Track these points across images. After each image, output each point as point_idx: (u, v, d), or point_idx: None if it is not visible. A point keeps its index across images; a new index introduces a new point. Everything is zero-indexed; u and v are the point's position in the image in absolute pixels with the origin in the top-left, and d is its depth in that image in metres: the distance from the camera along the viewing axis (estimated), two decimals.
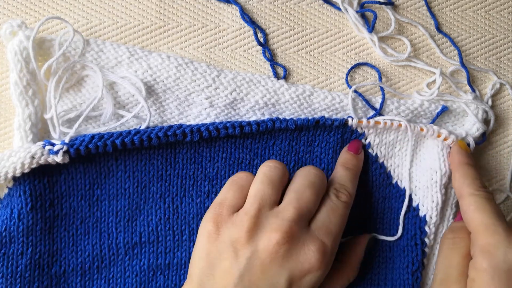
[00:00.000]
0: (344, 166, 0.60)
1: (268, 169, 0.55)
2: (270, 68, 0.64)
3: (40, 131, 0.59)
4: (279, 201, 0.54)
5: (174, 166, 0.59)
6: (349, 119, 0.60)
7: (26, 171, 0.54)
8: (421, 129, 0.61)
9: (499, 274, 0.49)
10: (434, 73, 0.65)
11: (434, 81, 0.65)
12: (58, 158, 0.54)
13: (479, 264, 0.50)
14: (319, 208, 0.55)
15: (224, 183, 0.58)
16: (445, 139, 0.61)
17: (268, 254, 0.50)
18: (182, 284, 0.57)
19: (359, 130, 0.61)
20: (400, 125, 0.61)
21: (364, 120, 0.60)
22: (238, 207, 0.54)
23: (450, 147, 0.61)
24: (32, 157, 0.53)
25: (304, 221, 0.53)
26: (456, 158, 0.60)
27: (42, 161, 0.54)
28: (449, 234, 0.57)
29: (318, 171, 0.57)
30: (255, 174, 0.56)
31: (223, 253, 0.51)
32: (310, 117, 0.60)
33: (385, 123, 0.60)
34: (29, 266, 0.57)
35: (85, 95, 0.61)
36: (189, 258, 0.56)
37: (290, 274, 0.50)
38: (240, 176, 0.56)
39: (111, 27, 0.63)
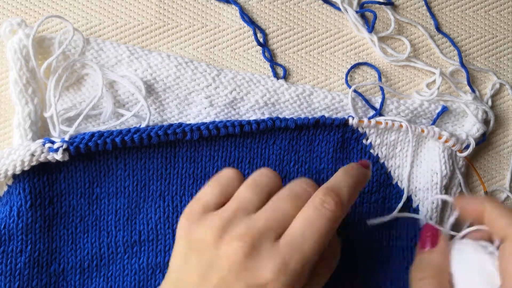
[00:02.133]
0: (346, 172, 0.52)
1: (258, 174, 0.52)
2: (269, 68, 0.64)
3: (40, 129, 0.59)
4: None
5: (174, 165, 0.59)
6: (350, 119, 0.60)
7: (25, 168, 0.54)
8: (422, 131, 0.61)
9: None
10: (434, 73, 0.65)
11: (434, 81, 0.65)
12: (58, 156, 0.54)
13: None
14: (297, 217, 0.48)
15: None
16: (446, 141, 0.60)
17: (227, 260, 0.47)
18: None
19: (360, 130, 0.61)
20: (401, 126, 0.61)
21: (365, 120, 0.60)
22: (213, 205, 0.51)
23: (451, 149, 0.61)
24: (32, 155, 0.53)
25: (274, 233, 0.47)
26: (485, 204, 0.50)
27: (41, 159, 0.54)
28: (418, 274, 0.49)
29: (310, 182, 0.51)
30: None
31: (192, 250, 0.49)
32: (310, 117, 0.60)
33: (386, 123, 0.60)
34: (28, 264, 0.57)
35: (85, 93, 0.61)
36: None
37: (246, 286, 0.46)
38: (225, 175, 0.54)
39: (111, 27, 0.63)
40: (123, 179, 0.59)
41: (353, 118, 0.60)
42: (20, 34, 0.57)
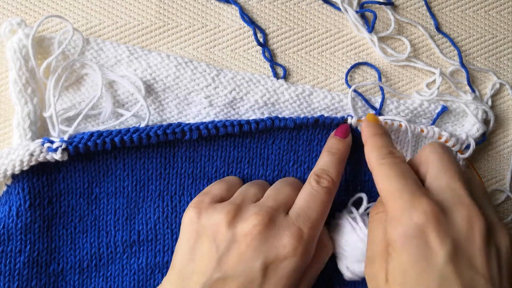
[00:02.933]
0: (328, 151, 0.58)
1: (252, 180, 0.60)
2: (269, 68, 0.64)
3: (39, 129, 0.59)
4: None
5: (173, 164, 0.59)
6: (349, 118, 0.60)
7: (25, 168, 0.54)
8: (422, 130, 0.61)
9: (408, 241, 0.46)
10: (434, 73, 0.65)
11: (434, 81, 0.65)
12: (57, 156, 0.54)
13: (390, 234, 0.47)
14: (299, 195, 0.55)
15: None
16: (446, 141, 0.60)
17: (244, 237, 0.51)
18: None
19: (359, 129, 0.61)
20: (400, 126, 0.60)
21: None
22: (221, 198, 0.56)
23: (451, 149, 0.61)
24: (31, 155, 0.53)
25: (283, 210, 0.54)
26: (365, 133, 0.57)
27: (41, 159, 0.54)
28: (373, 211, 0.53)
29: (296, 178, 0.61)
30: (253, 173, 0.61)
31: (202, 237, 0.52)
32: (309, 116, 0.60)
33: (386, 122, 0.60)
34: (27, 264, 0.57)
35: (84, 93, 0.61)
36: None
37: (265, 259, 0.50)
38: (229, 177, 0.60)
39: (110, 27, 0.63)
40: (122, 179, 0.59)
41: (351, 117, 0.60)
42: (20, 34, 0.57)
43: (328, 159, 0.58)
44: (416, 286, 0.45)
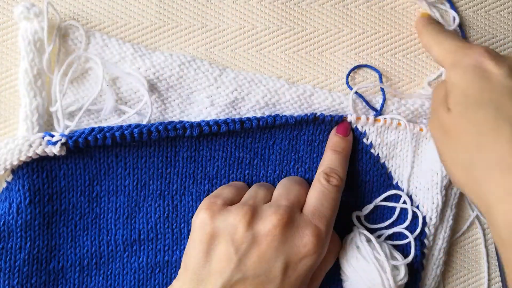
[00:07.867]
0: (333, 149, 0.60)
1: (258, 183, 0.60)
2: (269, 68, 0.64)
3: (45, 124, 0.59)
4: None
5: (174, 164, 0.59)
6: (348, 115, 0.60)
7: (22, 158, 0.53)
8: (421, 129, 0.61)
9: (467, 73, 0.50)
10: (433, 72, 0.65)
11: (435, 79, 0.65)
12: (55, 149, 0.53)
13: (448, 79, 0.53)
14: (310, 194, 0.56)
15: (224, 183, 0.60)
16: None
17: (265, 237, 0.51)
18: None
19: (360, 129, 0.61)
20: (399, 124, 0.61)
21: (363, 117, 0.61)
22: (232, 201, 0.55)
23: None
24: (30, 146, 0.53)
25: (298, 208, 0.54)
26: (419, 25, 0.63)
27: (39, 151, 0.54)
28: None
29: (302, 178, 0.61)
30: (254, 173, 0.61)
31: (217, 238, 0.52)
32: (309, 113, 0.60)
33: (385, 120, 0.61)
34: (28, 261, 0.57)
35: (88, 88, 0.60)
36: None
37: (287, 258, 0.51)
38: (236, 182, 0.60)
39: (111, 27, 0.63)
40: (124, 177, 0.59)
41: (351, 114, 0.61)
42: (36, 25, 0.57)
43: (334, 157, 0.59)
44: (478, 101, 0.48)
